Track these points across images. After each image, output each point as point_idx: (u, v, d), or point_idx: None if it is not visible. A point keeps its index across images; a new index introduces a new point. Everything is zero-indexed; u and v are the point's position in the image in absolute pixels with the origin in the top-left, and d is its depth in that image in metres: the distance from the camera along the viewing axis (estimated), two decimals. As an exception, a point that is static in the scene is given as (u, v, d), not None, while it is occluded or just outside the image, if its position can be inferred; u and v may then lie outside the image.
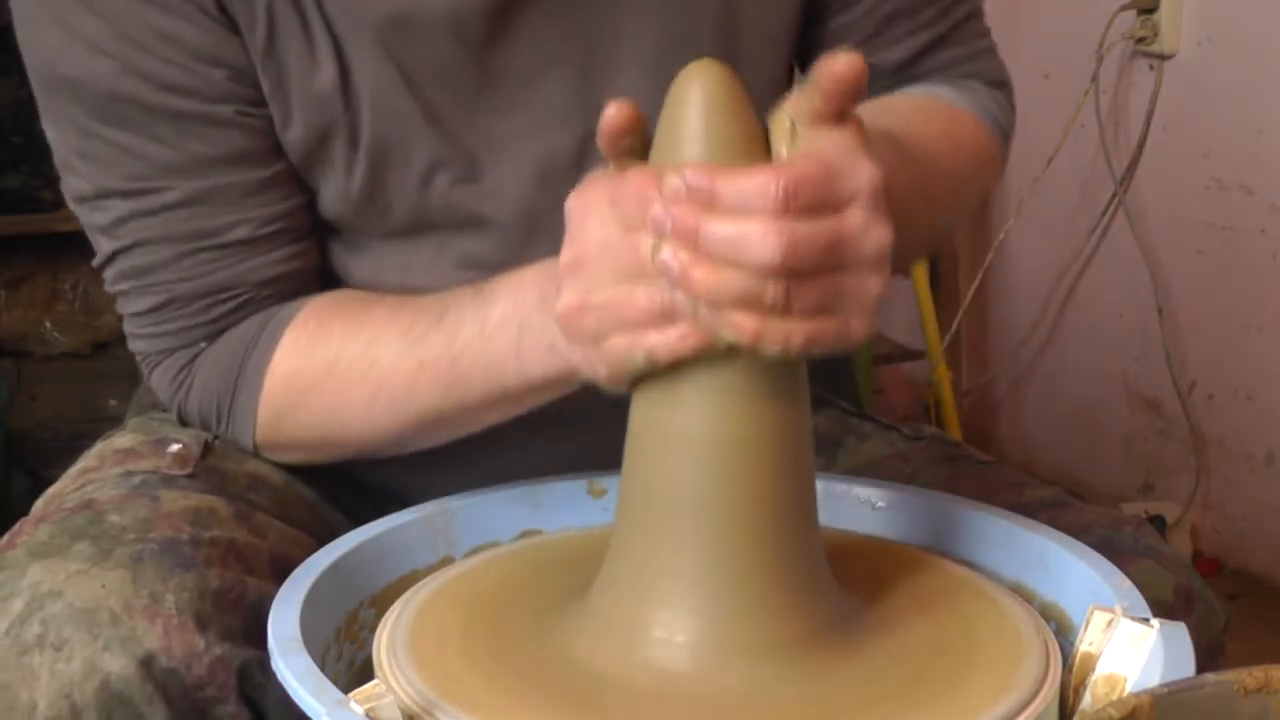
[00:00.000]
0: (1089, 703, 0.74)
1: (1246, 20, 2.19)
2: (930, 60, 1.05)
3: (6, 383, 2.45)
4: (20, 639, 0.78)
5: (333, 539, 0.88)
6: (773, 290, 0.68)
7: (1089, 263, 2.52)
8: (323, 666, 0.72)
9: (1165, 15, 2.28)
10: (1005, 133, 1.08)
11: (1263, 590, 2.26)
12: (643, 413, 0.77)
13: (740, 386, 0.74)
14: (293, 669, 0.71)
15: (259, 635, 0.79)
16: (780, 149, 0.72)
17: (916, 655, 0.77)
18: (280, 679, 0.72)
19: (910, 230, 0.73)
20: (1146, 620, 0.74)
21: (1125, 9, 2.31)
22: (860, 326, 0.72)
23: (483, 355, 0.86)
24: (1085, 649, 0.76)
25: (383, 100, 0.93)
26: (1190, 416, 2.35)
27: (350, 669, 0.84)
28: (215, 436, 0.99)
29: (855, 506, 0.94)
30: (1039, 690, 0.73)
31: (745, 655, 0.74)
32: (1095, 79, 2.37)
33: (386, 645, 0.78)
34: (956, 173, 0.97)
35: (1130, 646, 0.73)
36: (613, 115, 0.72)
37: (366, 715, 0.67)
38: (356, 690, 0.69)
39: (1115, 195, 2.41)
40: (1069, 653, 0.78)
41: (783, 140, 0.72)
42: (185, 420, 0.99)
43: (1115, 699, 0.68)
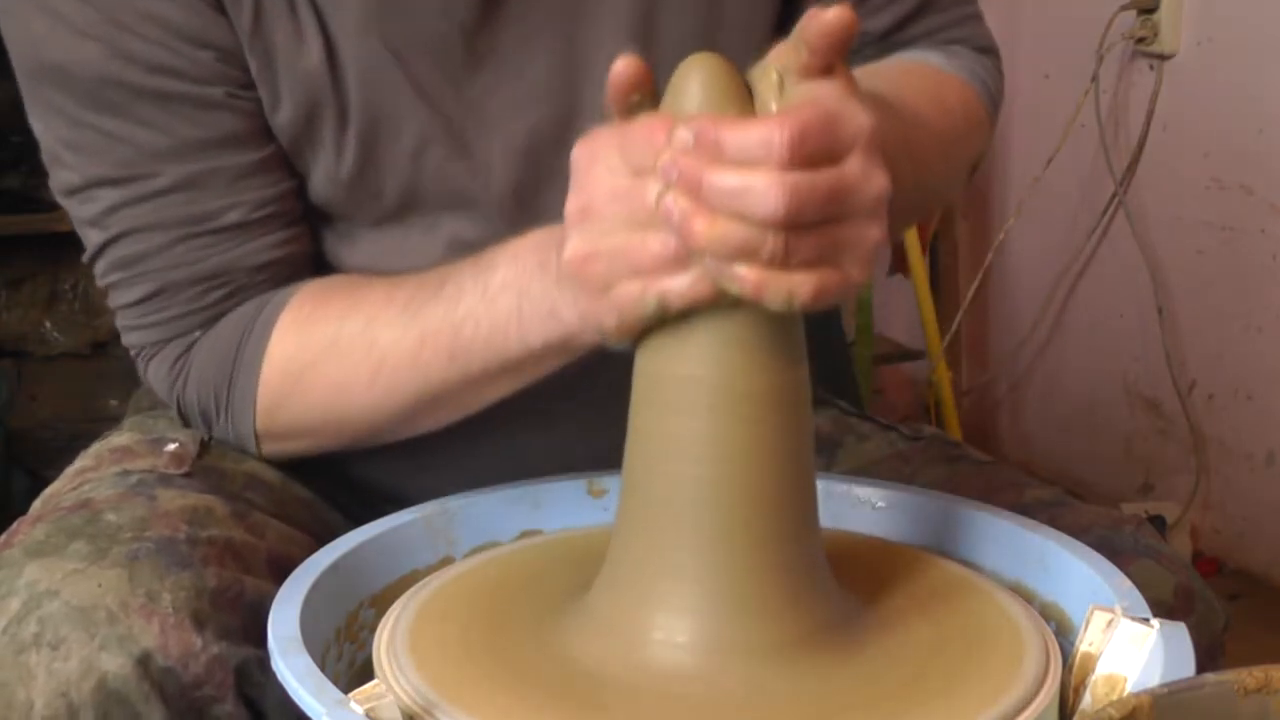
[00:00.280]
0: (1089, 703, 0.74)
1: (1246, 20, 2.19)
2: (915, 27, 1.04)
3: (6, 383, 2.44)
4: (17, 638, 0.78)
5: (330, 538, 0.88)
6: (773, 242, 0.68)
7: (1089, 263, 2.52)
8: (323, 666, 0.72)
9: (1165, 15, 2.28)
10: (994, 98, 1.07)
11: (1263, 590, 2.26)
12: (646, 368, 0.76)
13: (743, 340, 0.73)
14: (293, 669, 0.71)
15: (256, 634, 0.78)
16: (769, 102, 0.71)
17: (916, 655, 0.77)
18: (280, 679, 0.72)
19: (899, 191, 0.72)
20: (1146, 620, 0.74)
21: (1125, 9, 2.32)
22: (859, 276, 0.72)
23: (484, 322, 0.85)
24: (1085, 649, 0.76)
25: (370, 77, 0.92)
26: (1190, 416, 2.35)
27: (350, 669, 0.84)
28: (211, 436, 0.98)
29: (855, 506, 0.94)
30: (1039, 690, 0.73)
31: (745, 655, 0.74)
32: (1095, 79, 2.37)
33: (386, 645, 0.78)
34: (945, 133, 0.96)
35: (1130, 646, 0.73)
36: (621, 70, 0.72)
37: (366, 715, 0.67)
38: (356, 690, 0.69)
39: (1115, 195, 2.41)
40: (1069, 653, 0.78)
41: (771, 93, 0.71)
42: (185, 412, 0.98)
43: (1115, 699, 0.68)
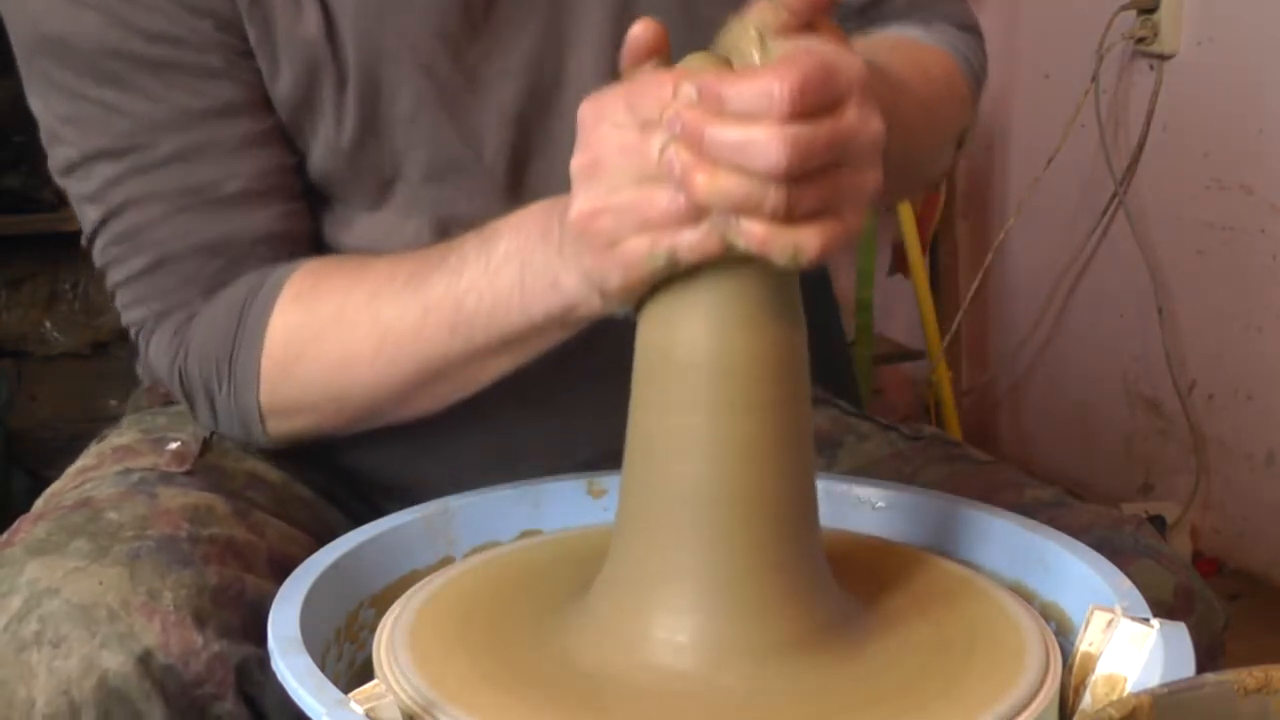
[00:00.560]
0: (1089, 703, 0.74)
1: (1246, 20, 2.19)
2: (895, 1, 1.04)
3: (6, 383, 2.44)
4: (18, 636, 0.78)
5: (331, 537, 0.88)
6: (776, 195, 0.68)
7: (1089, 263, 2.52)
8: (323, 666, 0.72)
9: (1165, 15, 2.28)
10: (977, 74, 1.06)
11: (1263, 590, 2.26)
12: (647, 339, 0.76)
13: (743, 301, 0.74)
14: (293, 669, 0.71)
15: (257, 633, 0.78)
16: (751, 55, 0.71)
17: (916, 655, 0.77)
18: (280, 679, 0.72)
19: (886, 159, 0.72)
20: (1146, 620, 0.74)
21: (1125, 9, 2.31)
22: (858, 224, 0.72)
23: (487, 294, 0.85)
24: (1085, 649, 0.76)
25: (368, 42, 0.92)
26: (1190, 416, 2.35)
27: (350, 669, 0.84)
28: (216, 415, 0.97)
29: (855, 506, 0.94)
30: (1039, 690, 0.73)
31: (745, 655, 0.74)
32: (1095, 79, 2.37)
33: (386, 645, 0.78)
34: (929, 102, 0.95)
35: (1130, 646, 0.73)
36: (639, 34, 0.72)
37: (366, 715, 0.67)
38: (356, 690, 0.69)
39: (1115, 195, 2.41)
40: (1069, 653, 0.78)
41: (753, 47, 0.71)
42: (187, 387, 0.97)
43: (1115, 699, 0.68)
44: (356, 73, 0.93)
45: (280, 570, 0.84)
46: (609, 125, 0.73)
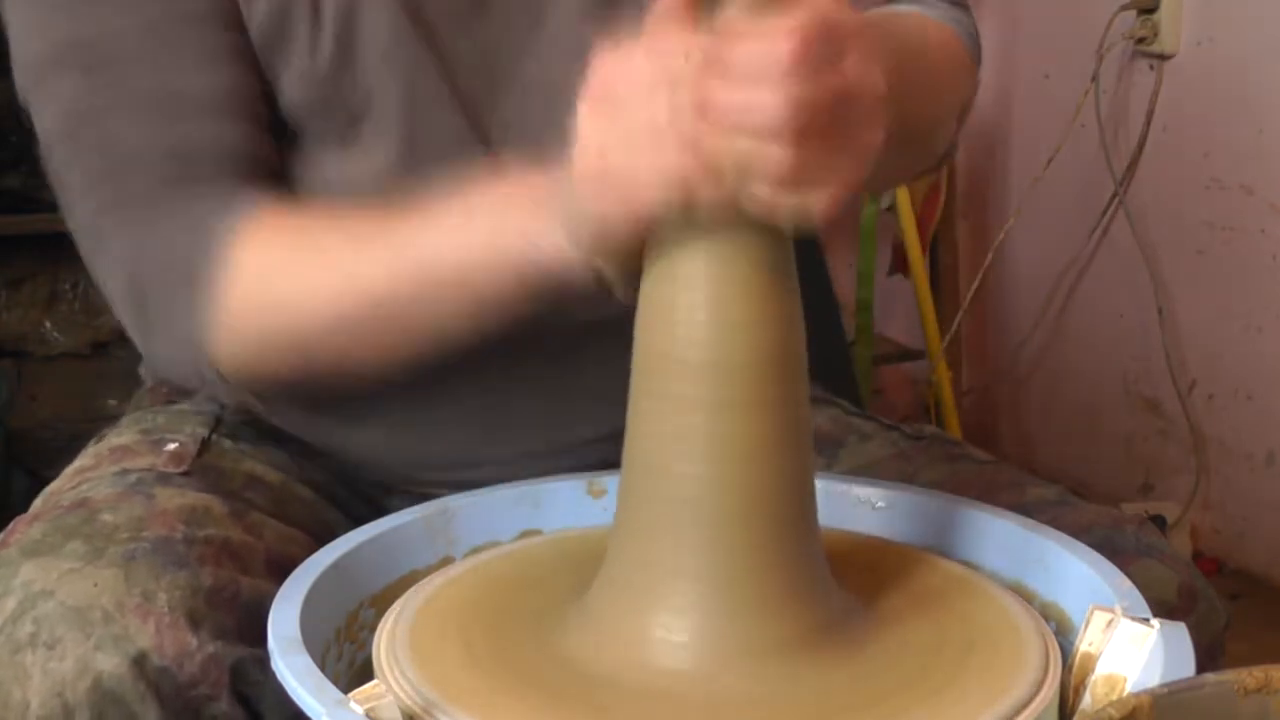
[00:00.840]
0: (1089, 703, 0.74)
1: (1246, 20, 2.19)
2: None
3: (6, 383, 2.44)
4: (13, 638, 0.78)
5: (331, 537, 0.88)
6: (780, 156, 0.68)
7: (1089, 263, 2.52)
8: (323, 666, 0.72)
9: (1165, 15, 2.28)
10: (975, 48, 1.05)
11: (1263, 590, 2.26)
12: (645, 335, 0.76)
13: (743, 301, 0.74)
14: (292, 669, 0.71)
15: (253, 634, 0.78)
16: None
17: (916, 655, 0.77)
18: (280, 679, 0.72)
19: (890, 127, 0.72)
20: (1146, 620, 0.74)
21: (1125, 9, 2.31)
22: (859, 181, 0.71)
23: (458, 235, 0.84)
24: (1085, 649, 0.76)
25: None
26: (1190, 416, 2.35)
27: (350, 669, 0.84)
28: (161, 321, 0.93)
29: (855, 506, 0.94)
30: (1039, 690, 0.73)
31: (745, 655, 0.74)
32: (1095, 79, 2.37)
33: (386, 645, 0.78)
34: (932, 66, 0.95)
35: (1130, 646, 0.73)
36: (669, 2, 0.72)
37: (366, 715, 0.67)
38: (356, 690, 0.69)
39: (1115, 195, 2.41)
40: (1069, 653, 0.78)
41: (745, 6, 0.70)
42: (140, 291, 0.92)
43: (1115, 699, 0.68)
44: (331, 7, 0.92)
45: (279, 570, 0.84)
46: (625, 78, 0.72)
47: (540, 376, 0.98)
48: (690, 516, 0.75)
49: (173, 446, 0.96)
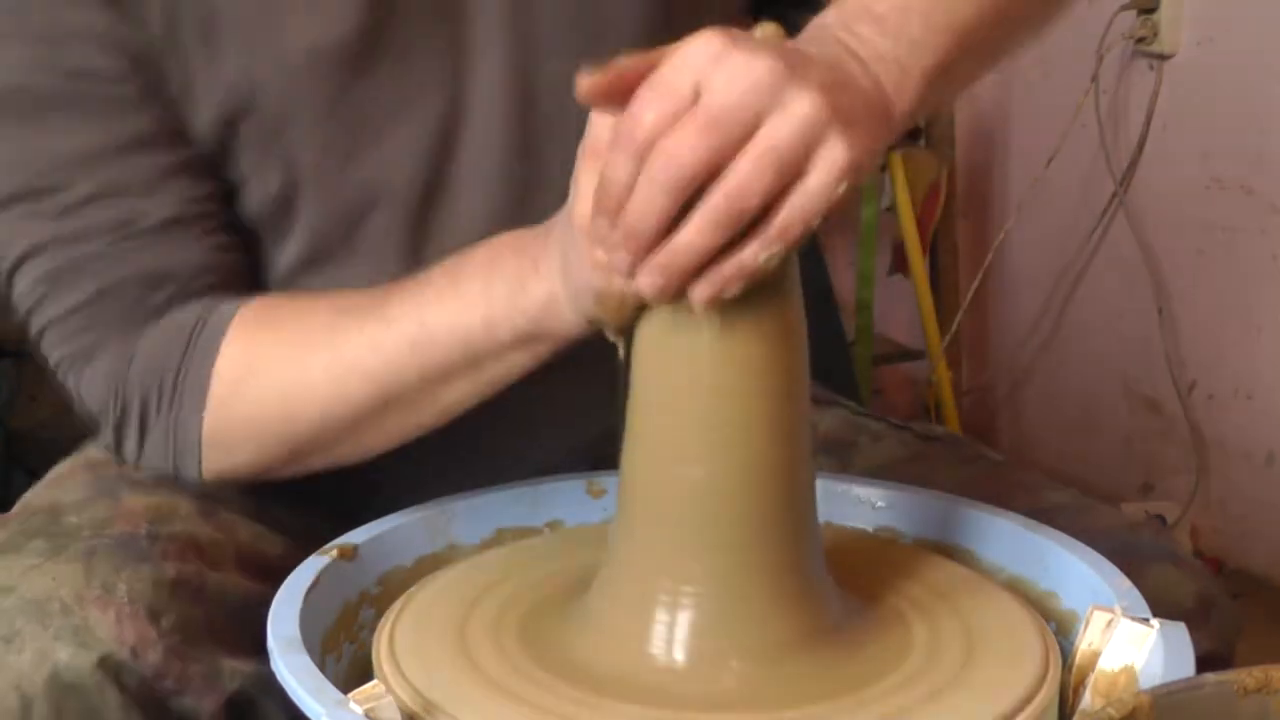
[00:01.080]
0: (1089, 703, 0.74)
1: (1246, 20, 2.19)
2: None
3: (6, 383, 2.44)
4: None
5: (310, 538, 0.87)
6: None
7: (1089, 263, 2.51)
8: (322, 666, 0.72)
9: (1165, 15, 2.28)
10: None
11: (1263, 590, 2.25)
12: (644, 333, 0.76)
13: (743, 303, 0.73)
14: (292, 669, 0.71)
15: (223, 628, 0.78)
16: None
17: (916, 655, 0.77)
18: (280, 679, 0.72)
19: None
20: (1146, 620, 0.74)
21: (1125, 9, 2.31)
22: (831, 190, 0.68)
23: (451, 306, 0.83)
24: (1085, 649, 0.76)
25: (274, 89, 0.89)
26: (1190, 416, 2.35)
27: (350, 669, 0.84)
28: (144, 441, 0.91)
29: (855, 506, 0.94)
30: (1039, 690, 0.73)
31: (745, 655, 0.74)
32: (1095, 79, 2.37)
33: (386, 645, 0.78)
34: None
35: (1130, 646, 0.74)
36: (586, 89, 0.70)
37: (366, 715, 0.67)
38: (356, 690, 0.69)
39: (1115, 195, 2.40)
40: (1069, 653, 0.78)
41: None
42: (121, 409, 0.91)
43: (1115, 699, 0.68)
44: (268, 119, 0.90)
45: (252, 567, 0.83)
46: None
47: (507, 399, 0.97)
48: (689, 517, 0.75)
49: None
